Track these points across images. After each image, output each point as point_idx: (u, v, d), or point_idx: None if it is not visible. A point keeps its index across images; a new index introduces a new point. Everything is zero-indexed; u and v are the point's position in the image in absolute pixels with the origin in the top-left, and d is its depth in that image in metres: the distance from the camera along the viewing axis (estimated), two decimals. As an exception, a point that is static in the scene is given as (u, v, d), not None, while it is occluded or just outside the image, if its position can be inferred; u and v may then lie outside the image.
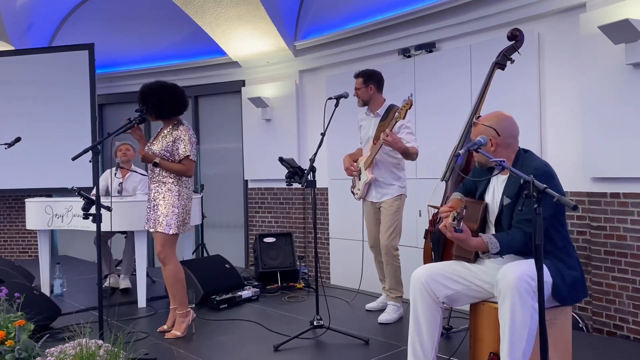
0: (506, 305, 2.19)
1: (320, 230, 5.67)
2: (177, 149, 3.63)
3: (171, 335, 3.69)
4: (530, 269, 2.15)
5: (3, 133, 5.86)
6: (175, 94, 3.67)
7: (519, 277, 2.17)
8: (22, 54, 6.75)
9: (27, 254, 7.47)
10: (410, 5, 4.75)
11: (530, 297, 2.16)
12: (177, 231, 3.63)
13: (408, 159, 3.89)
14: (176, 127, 3.69)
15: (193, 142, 3.67)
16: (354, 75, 4.06)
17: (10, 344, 2.88)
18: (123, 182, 5.18)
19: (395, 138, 3.69)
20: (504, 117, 2.50)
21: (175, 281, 3.71)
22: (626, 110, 3.46)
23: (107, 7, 7.21)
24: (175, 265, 3.71)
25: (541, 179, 2.11)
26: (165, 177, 3.64)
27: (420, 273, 2.50)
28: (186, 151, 3.62)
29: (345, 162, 4.12)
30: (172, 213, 3.61)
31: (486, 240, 2.29)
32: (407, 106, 3.63)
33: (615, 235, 3.59)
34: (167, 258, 3.66)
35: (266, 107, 6.00)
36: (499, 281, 2.24)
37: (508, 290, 2.18)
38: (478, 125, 2.49)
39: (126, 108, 7.02)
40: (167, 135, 3.67)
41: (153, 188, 3.68)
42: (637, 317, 3.49)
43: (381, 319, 3.92)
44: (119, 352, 2.50)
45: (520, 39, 3.32)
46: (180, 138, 3.63)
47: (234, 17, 5.62)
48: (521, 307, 2.16)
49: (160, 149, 3.63)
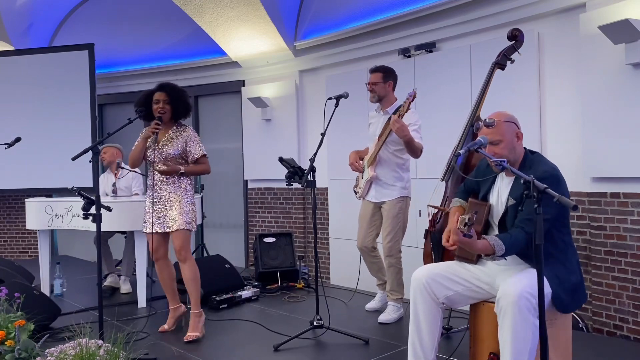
0: (507, 323, 2.18)
1: (320, 230, 5.67)
2: (190, 150, 3.68)
3: (191, 337, 3.59)
4: (530, 284, 2.14)
5: (3, 133, 5.86)
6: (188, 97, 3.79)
7: (520, 295, 2.15)
8: (22, 54, 6.75)
9: (27, 254, 7.47)
10: (410, 5, 4.75)
11: (532, 314, 2.15)
12: (195, 228, 3.75)
13: (412, 152, 3.79)
14: (181, 128, 3.73)
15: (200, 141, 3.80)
16: (371, 70, 3.97)
17: (10, 344, 2.88)
18: (116, 181, 5.20)
19: (403, 124, 3.61)
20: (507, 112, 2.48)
21: (194, 278, 3.71)
22: (626, 110, 3.46)
23: (107, 7, 7.21)
24: (194, 264, 3.73)
25: (551, 182, 2.10)
26: (180, 178, 3.69)
27: (421, 273, 2.50)
28: (202, 150, 3.72)
29: (351, 157, 4.08)
30: (191, 211, 3.69)
31: (492, 243, 2.26)
32: (410, 99, 3.62)
33: (615, 235, 3.59)
34: (188, 256, 3.69)
35: (266, 107, 6.00)
36: (499, 299, 2.22)
37: (509, 307, 2.17)
38: (499, 123, 2.41)
39: (126, 108, 7.02)
40: (174, 137, 3.69)
41: (164, 189, 3.67)
42: (637, 317, 3.49)
43: (381, 319, 3.92)
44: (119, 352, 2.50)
45: (520, 39, 3.32)
46: (191, 139, 3.70)
47: (234, 17, 5.62)
48: (522, 324, 2.15)
49: (175, 150, 3.65)
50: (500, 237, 2.30)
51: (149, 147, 3.67)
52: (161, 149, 3.66)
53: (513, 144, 2.42)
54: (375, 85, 3.93)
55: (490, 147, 2.40)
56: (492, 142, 2.40)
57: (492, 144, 2.40)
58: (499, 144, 2.40)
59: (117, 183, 5.20)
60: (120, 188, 5.19)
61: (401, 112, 3.64)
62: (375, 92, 3.94)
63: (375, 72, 3.94)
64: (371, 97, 3.99)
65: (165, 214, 3.65)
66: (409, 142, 3.70)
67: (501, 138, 2.39)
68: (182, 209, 3.64)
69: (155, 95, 3.64)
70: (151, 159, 3.70)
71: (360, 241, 4.08)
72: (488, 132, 2.40)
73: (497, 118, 2.42)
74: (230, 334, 3.77)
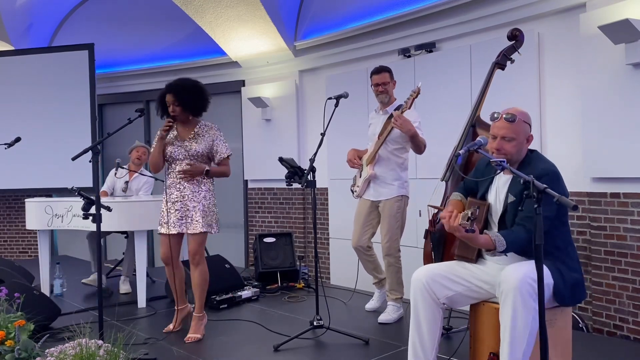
0: (508, 307, 2.19)
1: (320, 230, 5.67)
2: (217, 149, 3.63)
3: (192, 339, 3.59)
4: (533, 270, 2.14)
5: (3, 133, 5.86)
6: (205, 92, 3.68)
7: (522, 279, 2.17)
8: (22, 54, 6.75)
9: (27, 254, 7.47)
10: (410, 5, 4.75)
11: (532, 299, 2.16)
12: (218, 230, 3.68)
13: (416, 148, 3.78)
14: (208, 126, 3.66)
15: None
16: (377, 70, 3.95)
17: (10, 344, 2.88)
18: (130, 181, 5.21)
19: (406, 119, 3.62)
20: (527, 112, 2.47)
21: (204, 282, 3.66)
22: (626, 110, 3.46)
23: (107, 7, 7.21)
24: (206, 268, 3.67)
25: (550, 179, 2.11)
26: (204, 178, 3.64)
27: (421, 274, 2.50)
28: (228, 150, 3.67)
29: (349, 154, 4.07)
30: (213, 212, 3.65)
31: (493, 238, 2.26)
32: (414, 95, 3.62)
33: (615, 235, 3.59)
34: (202, 260, 3.63)
35: (266, 107, 6.00)
36: (501, 283, 2.24)
37: (510, 291, 2.18)
38: (519, 122, 2.39)
39: (126, 108, 7.02)
40: (201, 134, 3.62)
41: (188, 187, 3.59)
42: (637, 317, 3.49)
43: (381, 319, 3.92)
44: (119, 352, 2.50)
45: (520, 39, 3.32)
46: (218, 137, 3.65)
47: (234, 17, 5.62)
48: (523, 308, 2.16)
49: (204, 148, 3.59)
50: (502, 233, 2.30)
51: (168, 144, 3.61)
52: (187, 146, 3.59)
53: (522, 145, 2.42)
54: (386, 85, 3.93)
55: (501, 142, 2.39)
56: (505, 137, 2.38)
57: (505, 139, 2.39)
58: (511, 142, 2.39)
59: (130, 183, 5.21)
60: (130, 188, 5.21)
61: (404, 109, 3.64)
62: (386, 91, 3.94)
63: (383, 72, 3.94)
64: (382, 97, 3.96)
65: (187, 214, 3.58)
66: (413, 137, 3.70)
67: (515, 136, 2.39)
68: (204, 210, 3.59)
69: (166, 97, 3.59)
70: (174, 156, 3.61)
71: (355, 241, 4.06)
72: (504, 127, 2.38)
73: (518, 116, 2.40)
74: (230, 334, 3.77)
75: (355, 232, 4.07)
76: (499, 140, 2.40)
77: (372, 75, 3.98)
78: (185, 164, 3.58)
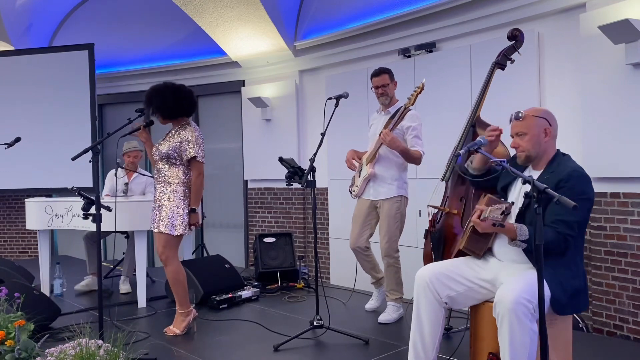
0: (505, 329, 2.17)
1: (320, 230, 5.67)
2: (184, 151, 3.63)
3: (170, 331, 3.72)
4: (527, 289, 2.13)
5: (3, 133, 5.86)
6: (181, 94, 3.67)
7: (515, 301, 2.13)
8: (22, 54, 6.74)
9: (27, 254, 7.47)
10: (410, 5, 4.75)
11: (529, 319, 2.14)
12: (181, 232, 3.62)
13: (410, 161, 3.84)
14: (183, 127, 3.69)
15: (200, 143, 3.65)
16: (377, 72, 3.93)
17: (10, 344, 2.88)
18: (129, 182, 5.20)
19: (393, 137, 3.66)
20: (550, 112, 2.50)
21: (176, 282, 3.72)
22: (626, 110, 3.46)
23: (107, 7, 7.21)
24: (176, 267, 3.71)
25: (579, 181, 2.17)
26: (170, 178, 3.65)
27: (425, 272, 2.49)
28: (193, 152, 3.62)
29: (348, 155, 4.08)
30: (177, 214, 3.61)
31: (517, 226, 2.25)
32: (417, 91, 3.61)
33: (615, 235, 3.59)
34: (169, 260, 3.66)
35: (266, 107, 6.00)
36: (496, 304, 2.21)
37: (506, 314, 2.15)
38: (527, 117, 2.43)
39: (126, 108, 7.02)
40: (174, 135, 3.68)
41: (158, 188, 3.69)
42: (637, 317, 3.49)
43: (381, 319, 3.92)
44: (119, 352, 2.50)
45: (520, 39, 3.32)
46: (187, 139, 3.63)
47: (234, 17, 5.62)
48: (520, 330, 2.14)
49: (167, 149, 3.63)
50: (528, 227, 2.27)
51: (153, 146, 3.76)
52: (157, 148, 3.70)
53: (539, 139, 2.43)
54: (386, 87, 3.92)
55: (516, 139, 2.46)
56: (518, 133, 2.45)
57: (518, 135, 2.45)
58: (524, 137, 2.43)
59: (130, 184, 5.21)
60: (132, 189, 5.20)
61: (408, 105, 3.65)
62: (387, 94, 3.93)
63: (382, 73, 3.92)
64: (383, 99, 3.95)
65: (156, 214, 3.67)
66: (404, 153, 3.73)
67: (526, 131, 2.42)
68: (170, 210, 3.61)
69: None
70: (153, 157, 3.75)
71: (353, 241, 4.05)
72: (515, 125, 2.46)
73: (526, 112, 2.46)
74: (230, 334, 3.77)
75: (353, 232, 4.06)
76: (514, 138, 2.47)
77: (372, 77, 3.97)
78: (161, 164, 3.68)
